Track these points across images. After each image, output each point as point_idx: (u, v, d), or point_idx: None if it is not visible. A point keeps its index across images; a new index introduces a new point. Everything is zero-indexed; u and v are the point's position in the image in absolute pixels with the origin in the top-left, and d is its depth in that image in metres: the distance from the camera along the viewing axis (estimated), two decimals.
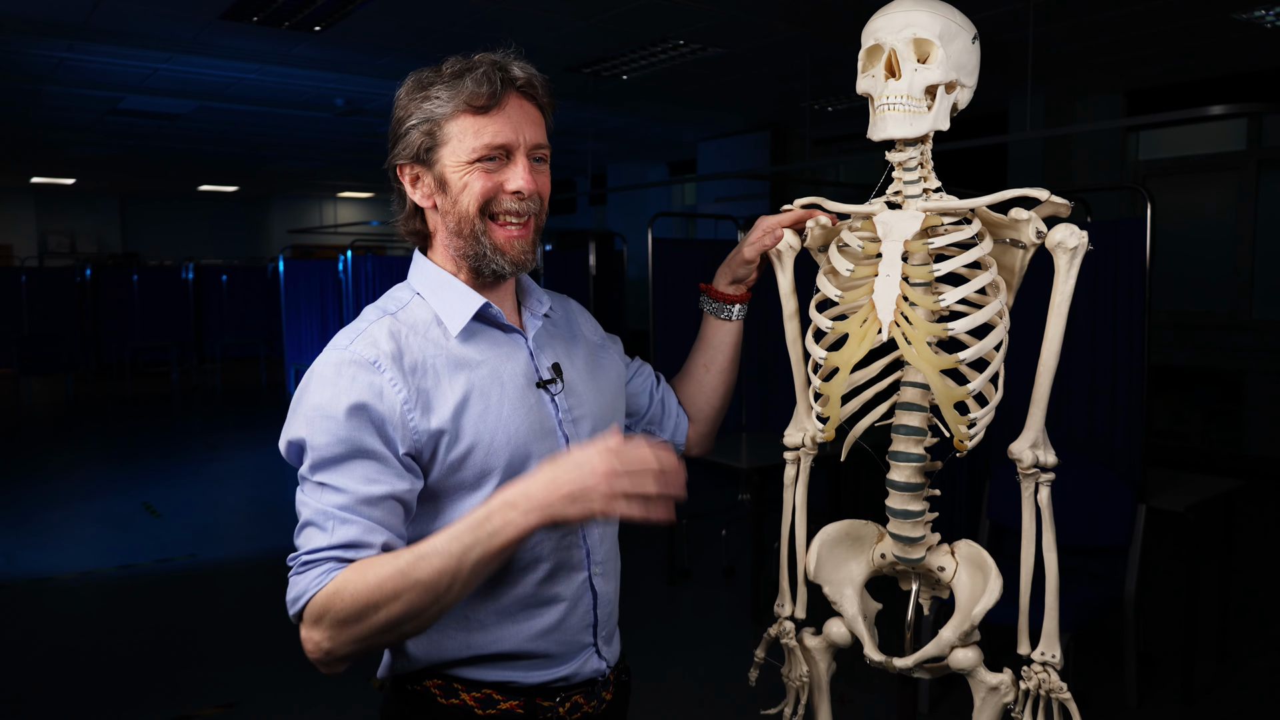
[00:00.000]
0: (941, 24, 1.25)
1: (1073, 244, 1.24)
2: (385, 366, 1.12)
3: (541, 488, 1.03)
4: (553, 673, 1.23)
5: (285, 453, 1.16)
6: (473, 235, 1.18)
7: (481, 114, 1.15)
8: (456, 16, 5.38)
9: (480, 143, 1.15)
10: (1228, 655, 3.61)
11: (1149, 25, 5.55)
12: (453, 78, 1.15)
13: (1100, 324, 3.45)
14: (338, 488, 1.09)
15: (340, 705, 3.31)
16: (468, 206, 1.17)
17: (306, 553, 1.07)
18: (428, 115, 1.16)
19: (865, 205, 1.36)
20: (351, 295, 8.07)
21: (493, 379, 1.19)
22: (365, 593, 1.02)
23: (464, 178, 1.16)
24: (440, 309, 1.20)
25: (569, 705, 1.24)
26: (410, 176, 1.20)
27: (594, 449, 1.03)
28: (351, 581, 1.04)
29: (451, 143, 1.16)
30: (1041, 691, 1.31)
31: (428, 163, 1.18)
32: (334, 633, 1.04)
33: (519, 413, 1.19)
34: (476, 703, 1.19)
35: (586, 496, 1.02)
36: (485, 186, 1.17)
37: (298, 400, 1.14)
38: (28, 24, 5.53)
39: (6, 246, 14.68)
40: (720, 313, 1.48)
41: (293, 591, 1.07)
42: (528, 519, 1.03)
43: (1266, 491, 6.12)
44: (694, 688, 3.43)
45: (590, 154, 8.26)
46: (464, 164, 1.16)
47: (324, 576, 1.05)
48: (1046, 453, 1.30)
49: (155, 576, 4.72)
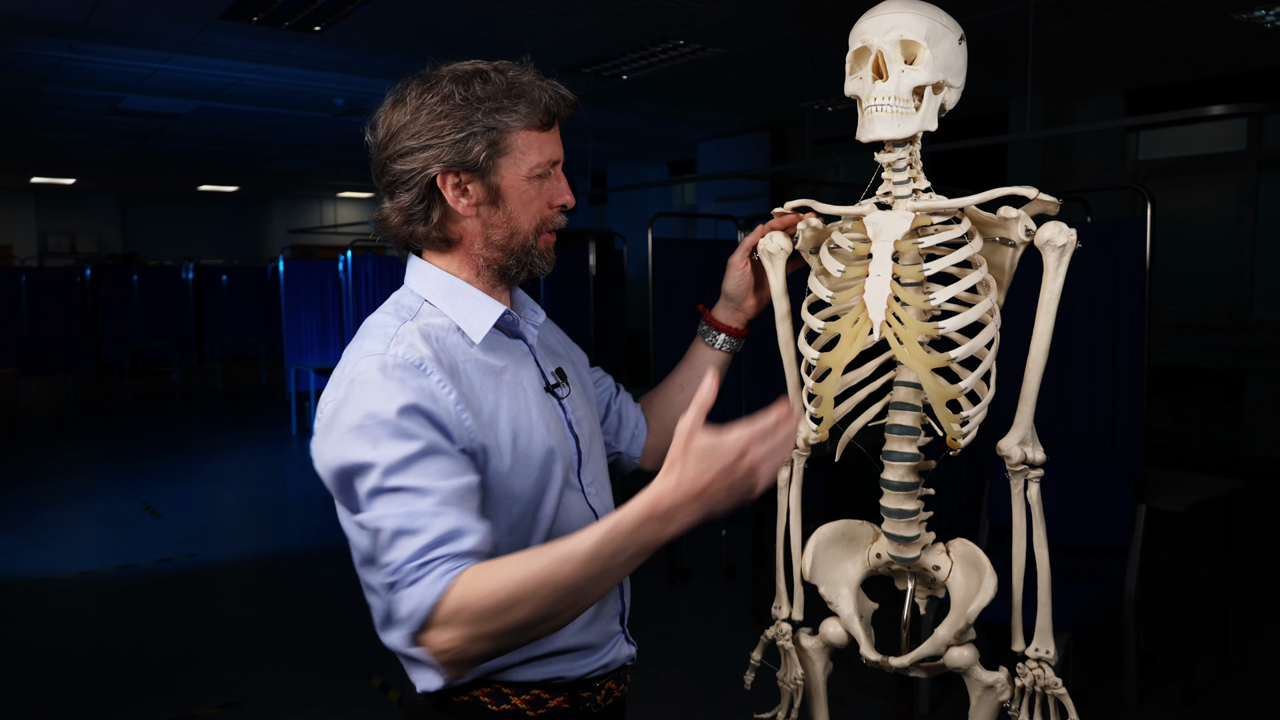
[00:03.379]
0: (928, 25, 1.26)
1: (1061, 241, 1.24)
2: (431, 369, 1.09)
3: (690, 498, 0.95)
4: (593, 662, 1.24)
5: (332, 478, 1.08)
6: (523, 247, 1.20)
7: (544, 130, 1.19)
8: (456, 16, 5.39)
9: (544, 158, 1.18)
10: (1228, 655, 3.61)
11: (1149, 25, 5.55)
12: (513, 93, 1.15)
13: (1100, 324, 3.45)
14: (418, 488, 1.02)
15: (340, 705, 3.31)
16: (525, 220, 1.19)
17: (409, 561, 0.99)
18: (494, 125, 1.14)
19: (855, 206, 1.36)
20: (351, 295, 8.07)
21: (516, 385, 1.20)
22: (503, 589, 0.96)
23: (524, 191, 1.18)
24: (458, 316, 1.19)
25: (604, 692, 1.26)
26: (456, 183, 1.16)
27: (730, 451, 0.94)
28: (484, 579, 0.98)
29: (514, 154, 1.16)
30: (1037, 688, 1.32)
31: (483, 171, 1.16)
32: (469, 630, 0.97)
33: (543, 418, 1.20)
34: (527, 705, 1.19)
35: (740, 490, 0.96)
36: (542, 203, 1.20)
37: (336, 414, 1.08)
38: (28, 24, 5.54)
39: (6, 246, 14.70)
40: (707, 336, 1.49)
41: (406, 606, 0.98)
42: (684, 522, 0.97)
43: (1266, 491, 6.12)
44: (694, 688, 3.43)
45: (590, 154, 8.27)
46: (525, 177, 1.18)
47: (444, 578, 0.98)
48: (1035, 449, 1.30)
49: (155, 576, 4.72)
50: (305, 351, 8.72)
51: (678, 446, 0.95)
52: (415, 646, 1.01)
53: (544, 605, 0.97)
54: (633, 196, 12.13)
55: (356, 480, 1.05)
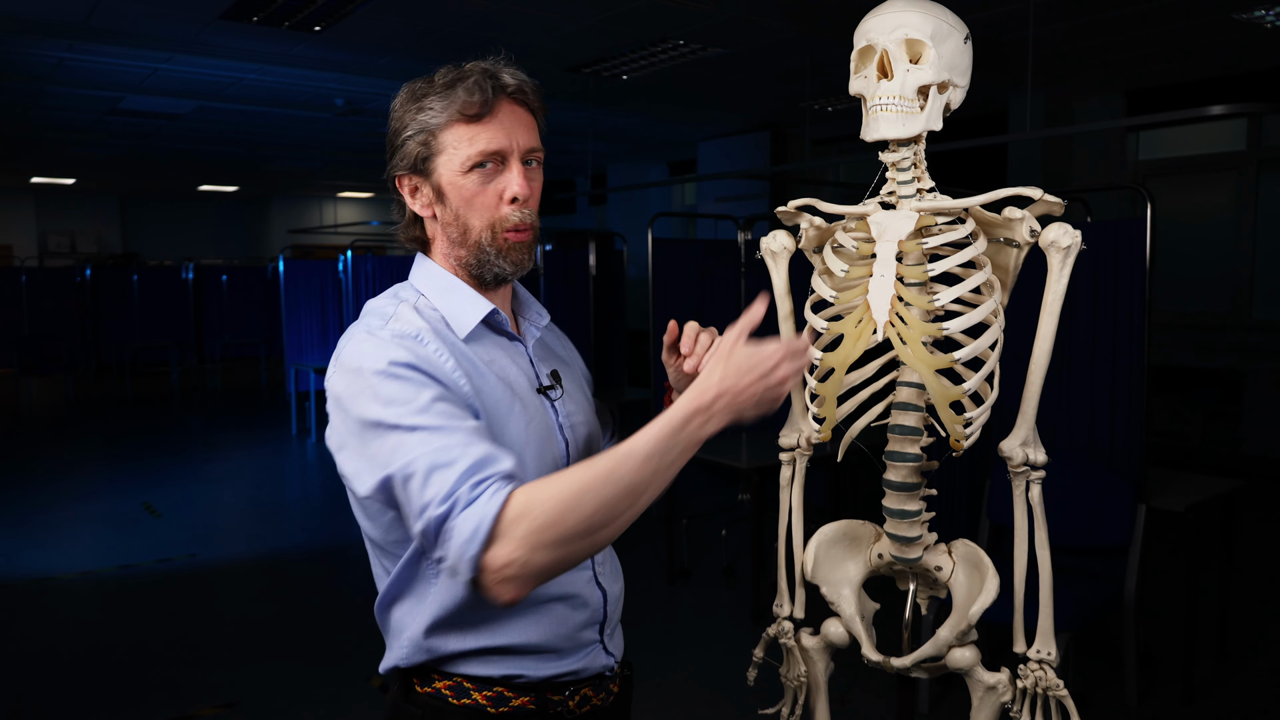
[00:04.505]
0: (933, 24, 1.26)
1: (1066, 243, 1.24)
2: (427, 339, 1.13)
3: (733, 394, 1.05)
4: (561, 666, 1.23)
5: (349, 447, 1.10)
6: (476, 245, 1.20)
7: (475, 122, 1.17)
8: (456, 16, 5.39)
9: (475, 150, 1.17)
10: (1228, 655, 3.61)
11: (1149, 25, 5.55)
12: (445, 88, 1.17)
13: (1100, 324, 3.45)
14: (441, 427, 1.04)
15: (340, 705, 3.31)
16: (473, 219, 1.19)
17: (458, 484, 1.00)
18: (423, 126, 1.17)
19: (859, 206, 1.36)
20: (351, 295, 8.07)
21: (501, 383, 1.20)
22: (566, 490, 1.00)
23: (463, 188, 1.18)
24: (447, 311, 1.21)
25: (578, 699, 1.25)
26: (409, 187, 1.22)
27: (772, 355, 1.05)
28: (542, 486, 1.01)
29: (447, 151, 1.18)
30: (1038, 690, 1.31)
31: (425, 173, 1.20)
32: (533, 538, 0.98)
33: (525, 414, 1.21)
34: (489, 701, 1.19)
35: (772, 399, 1.07)
36: (491, 197, 1.18)
37: (343, 386, 1.10)
38: (28, 24, 5.53)
39: (6, 246, 14.69)
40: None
41: (468, 525, 0.98)
42: (723, 420, 1.05)
43: (1266, 491, 6.11)
44: (694, 688, 3.43)
45: (590, 154, 8.25)
46: (459, 172, 1.18)
47: (500, 492, 1.00)
48: (1037, 450, 1.30)
49: (155, 576, 4.72)
50: (305, 351, 8.72)
51: (721, 351, 1.05)
52: (477, 573, 1.00)
53: (605, 504, 1.01)
54: (633, 196, 12.13)
55: (374, 440, 1.07)
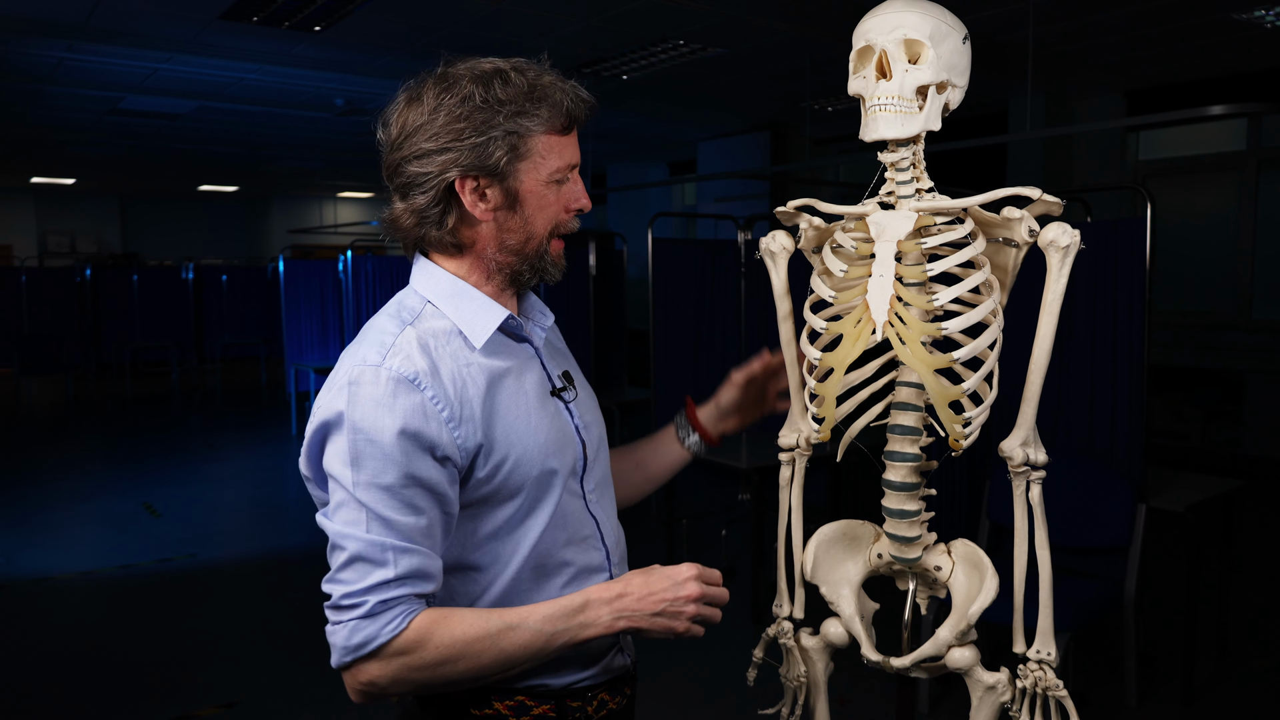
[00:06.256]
0: (932, 24, 1.25)
1: (1065, 242, 1.24)
2: (426, 384, 1.09)
3: (636, 597, 1.12)
4: (582, 674, 1.22)
5: (312, 475, 1.14)
6: (536, 252, 1.19)
7: (563, 134, 1.17)
8: (457, 16, 5.39)
9: (563, 163, 1.17)
10: (1228, 655, 3.61)
11: (1149, 25, 5.55)
12: (537, 93, 1.14)
13: (1100, 324, 3.45)
14: (390, 519, 1.06)
15: (340, 706, 3.31)
16: (540, 225, 1.18)
17: (370, 591, 1.04)
18: (515, 129, 1.12)
19: (858, 206, 1.36)
20: (351, 295, 8.06)
21: (518, 389, 1.18)
22: (452, 646, 1.06)
23: (542, 196, 1.17)
24: (460, 320, 1.17)
25: (596, 703, 1.24)
26: (473, 187, 1.14)
27: (685, 570, 1.13)
28: (439, 631, 1.06)
29: (534, 159, 1.15)
30: (1038, 690, 1.31)
31: (501, 176, 1.14)
32: (404, 673, 1.06)
33: (544, 421, 1.19)
34: (510, 710, 1.18)
35: (674, 615, 1.12)
36: (559, 207, 1.19)
37: (325, 421, 1.09)
38: (28, 24, 5.53)
39: (6, 246, 14.69)
40: (681, 429, 1.52)
41: (357, 635, 1.04)
42: (616, 623, 1.12)
43: (1266, 491, 6.12)
44: (694, 688, 3.43)
45: (590, 154, 8.26)
46: (544, 181, 1.16)
47: (404, 619, 1.05)
48: (1037, 450, 1.30)
49: (155, 576, 4.72)
50: (305, 351, 8.72)
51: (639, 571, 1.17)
52: (343, 670, 1.07)
53: (479, 667, 1.08)
54: (633, 196, 12.13)
55: (332, 486, 1.10)
